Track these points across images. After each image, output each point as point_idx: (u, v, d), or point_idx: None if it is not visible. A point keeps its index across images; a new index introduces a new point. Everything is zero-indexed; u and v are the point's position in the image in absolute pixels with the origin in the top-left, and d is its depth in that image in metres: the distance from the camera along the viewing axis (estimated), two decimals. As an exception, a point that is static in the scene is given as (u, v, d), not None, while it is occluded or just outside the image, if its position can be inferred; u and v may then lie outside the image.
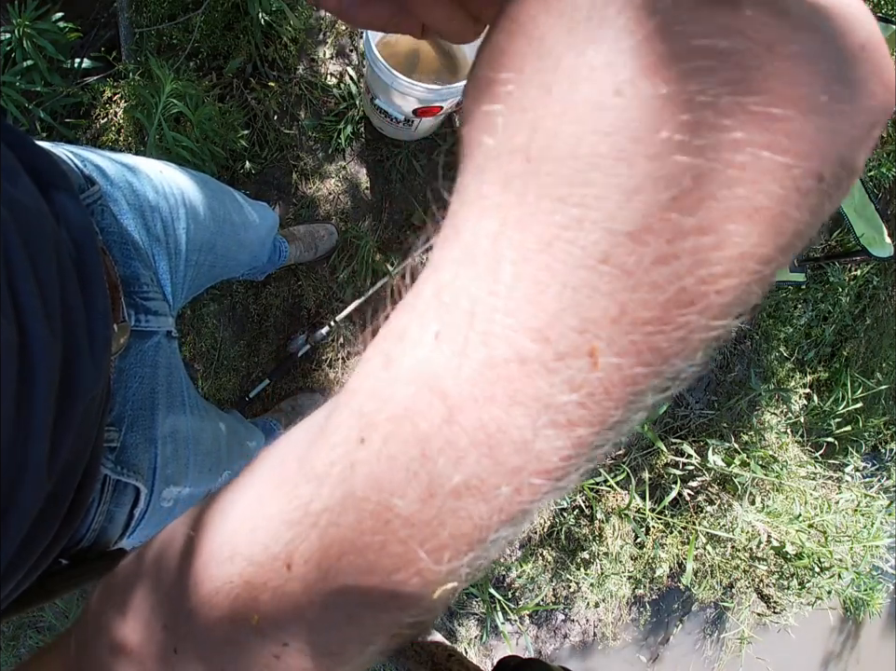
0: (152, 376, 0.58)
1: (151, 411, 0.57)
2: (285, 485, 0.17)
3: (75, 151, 0.56)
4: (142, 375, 0.56)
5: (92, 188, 0.53)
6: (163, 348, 0.60)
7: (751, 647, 1.95)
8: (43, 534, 0.39)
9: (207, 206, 0.72)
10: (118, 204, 0.56)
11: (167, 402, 0.60)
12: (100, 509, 0.50)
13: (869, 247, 1.50)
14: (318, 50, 1.52)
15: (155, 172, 0.64)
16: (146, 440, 0.55)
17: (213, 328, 1.48)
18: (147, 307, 0.56)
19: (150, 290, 0.57)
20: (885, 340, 2.09)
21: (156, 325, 0.58)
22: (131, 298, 0.55)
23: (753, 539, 1.75)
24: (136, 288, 0.55)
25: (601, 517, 1.70)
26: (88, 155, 0.57)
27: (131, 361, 0.55)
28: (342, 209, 1.53)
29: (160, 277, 0.61)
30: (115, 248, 0.54)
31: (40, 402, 0.33)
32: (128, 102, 1.32)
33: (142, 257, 0.57)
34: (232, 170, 1.47)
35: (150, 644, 0.20)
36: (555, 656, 1.81)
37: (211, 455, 0.71)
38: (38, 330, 0.33)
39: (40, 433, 0.33)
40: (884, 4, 1.82)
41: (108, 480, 0.50)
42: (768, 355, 1.91)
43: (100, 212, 0.53)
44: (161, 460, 0.57)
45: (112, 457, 0.51)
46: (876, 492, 1.91)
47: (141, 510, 0.55)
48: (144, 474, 0.54)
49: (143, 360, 0.57)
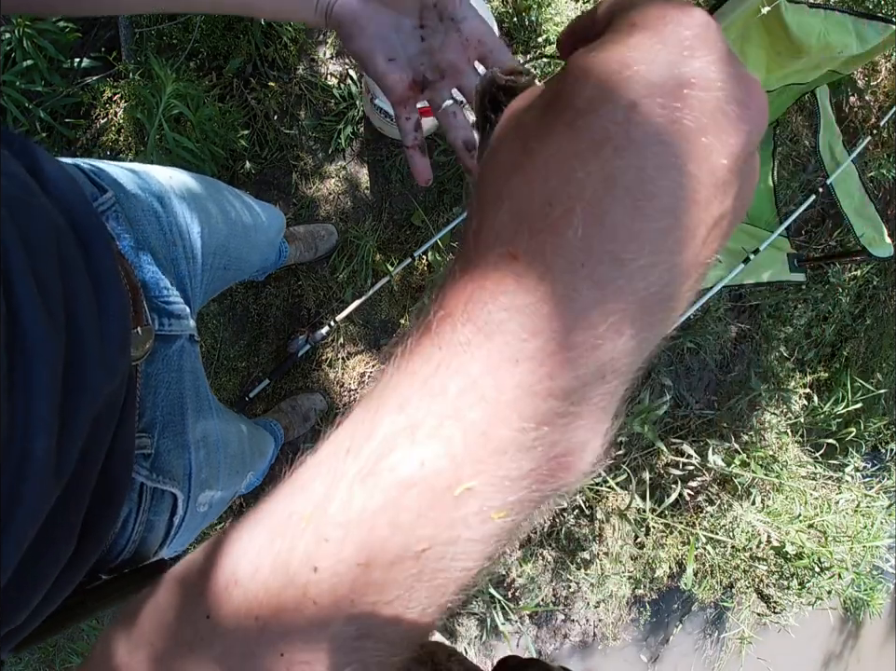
0: (178, 381, 0.57)
1: (181, 416, 0.56)
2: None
3: (84, 162, 0.55)
4: (169, 380, 0.56)
5: (105, 195, 0.52)
6: (187, 352, 0.60)
7: (751, 647, 1.95)
8: (57, 543, 0.38)
9: (219, 209, 0.72)
10: (133, 211, 0.56)
11: (195, 406, 0.59)
12: (139, 519, 0.49)
13: (869, 247, 1.50)
14: (318, 50, 1.52)
15: (165, 178, 0.64)
16: (179, 445, 0.55)
17: (213, 328, 1.48)
18: (170, 310, 0.56)
19: (171, 294, 0.57)
20: (885, 340, 2.09)
21: (179, 329, 0.58)
22: (153, 302, 0.54)
23: (753, 539, 1.75)
24: (157, 292, 0.55)
25: (601, 517, 1.70)
26: (98, 164, 0.56)
27: (158, 366, 0.55)
28: (342, 209, 1.53)
29: (180, 280, 0.61)
30: (132, 254, 0.54)
31: (40, 394, 0.33)
32: (129, 102, 1.32)
33: (160, 262, 0.57)
34: (232, 170, 1.47)
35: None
36: (555, 656, 1.81)
37: (238, 457, 0.71)
38: (35, 321, 0.33)
39: (41, 426, 0.32)
40: (884, 4, 1.82)
41: (145, 488, 0.50)
42: (768, 355, 1.91)
43: (114, 219, 0.53)
44: (195, 465, 0.57)
45: (146, 464, 0.51)
46: (876, 492, 1.91)
47: (179, 516, 0.54)
48: (180, 480, 0.54)
49: (170, 364, 0.56)
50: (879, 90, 1.99)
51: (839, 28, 1.30)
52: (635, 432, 1.66)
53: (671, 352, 1.79)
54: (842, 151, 1.59)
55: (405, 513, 0.17)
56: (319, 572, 0.17)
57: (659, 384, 1.75)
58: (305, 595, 0.18)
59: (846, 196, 1.57)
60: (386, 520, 0.17)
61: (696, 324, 1.75)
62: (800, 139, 1.88)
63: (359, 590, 0.17)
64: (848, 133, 1.87)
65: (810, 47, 1.29)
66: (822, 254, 1.86)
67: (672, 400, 1.77)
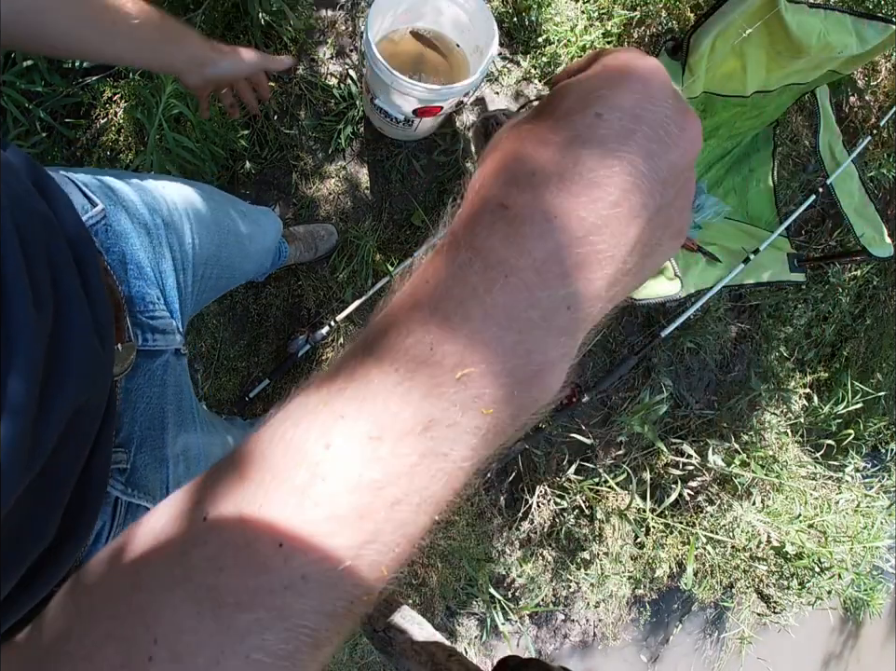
0: (160, 396, 0.57)
1: (161, 431, 0.56)
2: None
3: (75, 174, 0.56)
4: (150, 395, 0.56)
5: (94, 209, 0.52)
6: (171, 366, 0.60)
7: (751, 647, 1.95)
8: (29, 543, 0.37)
9: (212, 219, 0.72)
10: (122, 224, 0.56)
11: (177, 420, 0.59)
12: (113, 533, 0.49)
13: (869, 247, 1.50)
14: (318, 50, 1.52)
15: (157, 189, 0.64)
16: (157, 460, 0.55)
17: (213, 328, 1.48)
18: (154, 325, 0.56)
19: (156, 308, 0.57)
20: (885, 340, 2.09)
21: (164, 344, 0.58)
22: (136, 317, 0.54)
23: (753, 539, 1.75)
24: (142, 307, 0.55)
25: (601, 517, 1.70)
26: (88, 178, 0.57)
27: (139, 381, 0.55)
28: (342, 209, 1.53)
29: (167, 294, 0.61)
30: (119, 268, 0.54)
31: (17, 375, 0.32)
32: (129, 102, 1.32)
33: (146, 276, 0.57)
34: (232, 170, 1.47)
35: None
36: (555, 656, 1.81)
37: None
38: (19, 301, 0.33)
39: (16, 409, 0.32)
40: (884, 4, 1.82)
41: (119, 502, 0.50)
42: (768, 355, 1.91)
43: (103, 232, 0.53)
44: (174, 480, 0.56)
45: (122, 478, 0.51)
46: (876, 492, 1.90)
47: None
48: (156, 495, 0.54)
49: (152, 379, 0.56)
50: (879, 90, 1.99)
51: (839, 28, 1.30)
52: (635, 432, 1.66)
53: (671, 352, 1.79)
54: (842, 151, 1.59)
55: (417, 390, 0.20)
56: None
57: (659, 384, 1.75)
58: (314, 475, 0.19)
59: (846, 196, 1.57)
60: (400, 394, 0.20)
61: (696, 324, 1.75)
62: (800, 139, 1.88)
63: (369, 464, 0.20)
64: (848, 133, 1.87)
65: (810, 47, 1.29)
66: (822, 254, 1.85)
67: (672, 400, 1.77)
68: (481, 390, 0.20)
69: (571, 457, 1.68)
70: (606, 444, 1.74)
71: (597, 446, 1.71)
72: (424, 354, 0.20)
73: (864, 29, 1.33)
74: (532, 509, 1.67)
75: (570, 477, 1.66)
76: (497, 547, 1.69)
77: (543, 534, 1.71)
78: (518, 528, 1.69)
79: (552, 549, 1.72)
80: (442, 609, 1.66)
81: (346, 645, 1.57)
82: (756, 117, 1.61)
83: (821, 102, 1.60)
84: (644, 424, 1.62)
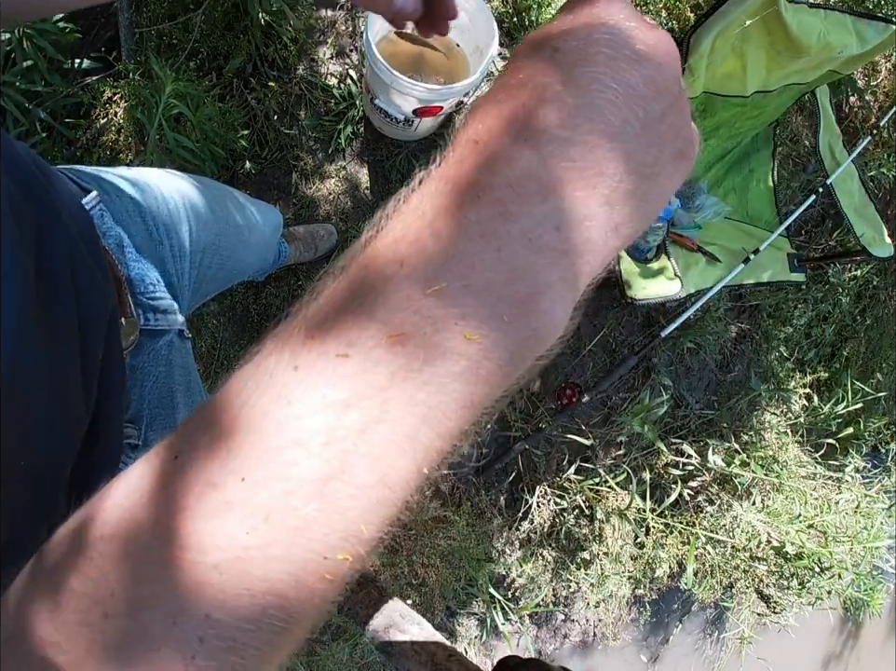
0: (167, 375, 0.58)
1: (171, 409, 0.57)
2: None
3: (69, 167, 0.56)
4: (156, 374, 0.56)
5: (90, 195, 0.53)
6: (177, 347, 0.60)
7: (751, 647, 1.95)
8: (27, 512, 0.36)
9: (208, 208, 0.72)
10: (117, 210, 0.57)
11: (187, 400, 0.60)
12: None
13: (869, 247, 1.50)
14: (318, 50, 1.52)
15: (153, 179, 0.64)
16: None
17: (213, 328, 1.48)
18: (155, 306, 0.57)
19: (157, 289, 0.58)
20: (885, 340, 2.08)
21: (167, 324, 0.58)
22: (138, 298, 0.55)
23: (753, 539, 1.75)
24: (142, 288, 0.56)
25: (601, 517, 1.70)
26: (82, 168, 0.57)
27: (143, 359, 0.55)
28: (342, 209, 1.54)
29: (166, 279, 0.62)
30: (118, 250, 0.54)
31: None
32: (129, 102, 1.32)
33: (144, 260, 0.57)
34: (232, 170, 1.47)
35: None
36: (555, 656, 1.81)
37: None
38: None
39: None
40: (884, 4, 1.82)
41: None
42: (768, 355, 1.91)
43: (99, 217, 0.53)
44: None
45: (133, 455, 0.51)
46: (876, 493, 1.90)
47: None
48: None
49: (157, 359, 0.57)
50: (879, 90, 1.99)
51: (839, 28, 1.30)
52: (635, 432, 1.66)
53: (671, 352, 1.79)
54: (842, 151, 1.59)
55: (384, 305, 0.19)
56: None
57: (659, 384, 1.75)
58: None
59: (846, 196, 1.57)
60: (366, 309, 0.19)
61: (696, 324, 1.75)
62: (800, 139, 1.88)
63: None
64: (848, 133, 1.87)
65: (810, 47, 1.29)
66: (822, 254, 1.85)
67: (672, 400, 1.77)
68: (460, 308, 0.19)
69: (571, 457, 1.68)
70: (606, 444, 1.74)
71: (597, 446, 1.71)
72: (392, 270, 0.20)
73: (864, 29, 1.33)
74: (532, 509, 1.67)
75: (570, 477, 1.66)
76: (497, 547, 1.69)
77: (543, 534, 1.71)
78: (518, 528, 1.69)
79: (552, 549, 1.72)
80: (442, 609, 1.66)
81: (347, 645, 1.57)
82: (756, 117, 1.61)
83: (821, 102, 1.60)
84: (644, 424, 1.62)
